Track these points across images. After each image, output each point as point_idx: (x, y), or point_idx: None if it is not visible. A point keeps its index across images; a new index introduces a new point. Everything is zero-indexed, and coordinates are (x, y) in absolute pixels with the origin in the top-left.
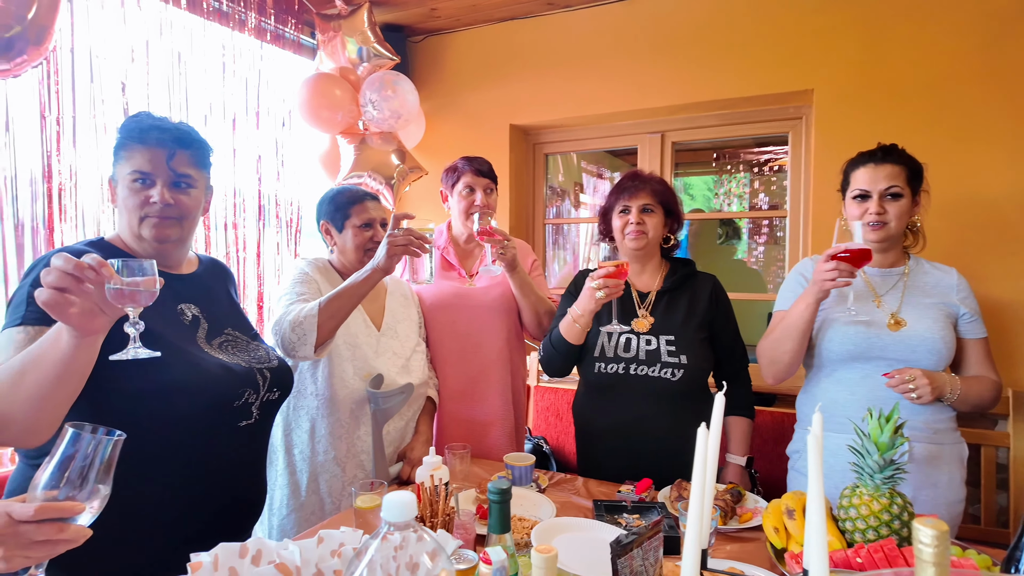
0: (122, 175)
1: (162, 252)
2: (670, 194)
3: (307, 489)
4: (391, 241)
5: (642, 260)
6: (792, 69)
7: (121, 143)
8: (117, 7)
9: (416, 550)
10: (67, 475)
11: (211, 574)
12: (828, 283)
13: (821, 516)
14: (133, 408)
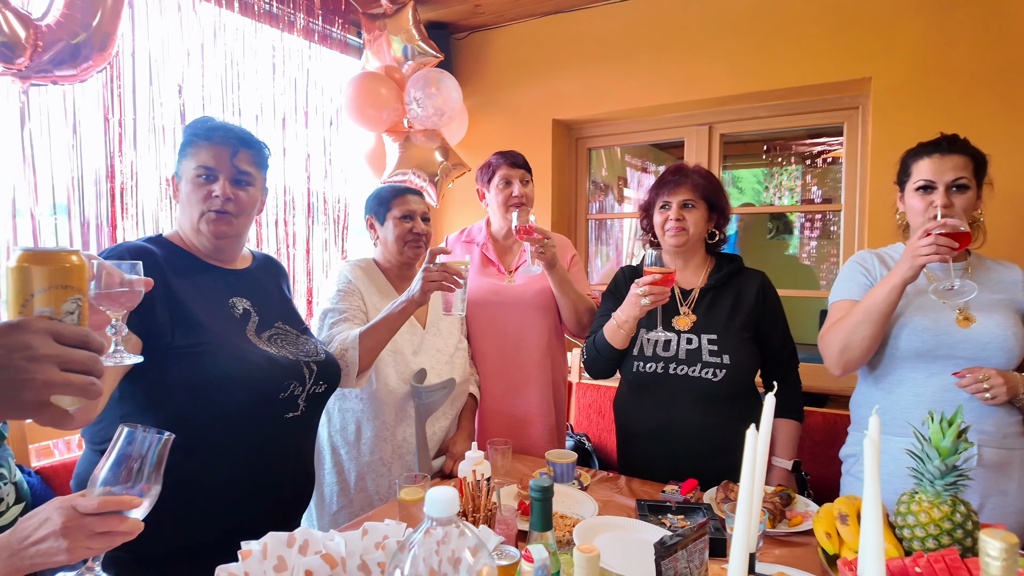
0: (187, 171)
1: (219, 247)
2: (714, 188)
3: (355, 488)
4: (426, 276)
5: (684, 256)
6: (849, 56)
7: (188, 141)
8: (174, 12)
9: (458, 545)
10: (123, 472)
11: (260, 562)
12: (923, 258)
13: (878, 521)
14: (185, 399)
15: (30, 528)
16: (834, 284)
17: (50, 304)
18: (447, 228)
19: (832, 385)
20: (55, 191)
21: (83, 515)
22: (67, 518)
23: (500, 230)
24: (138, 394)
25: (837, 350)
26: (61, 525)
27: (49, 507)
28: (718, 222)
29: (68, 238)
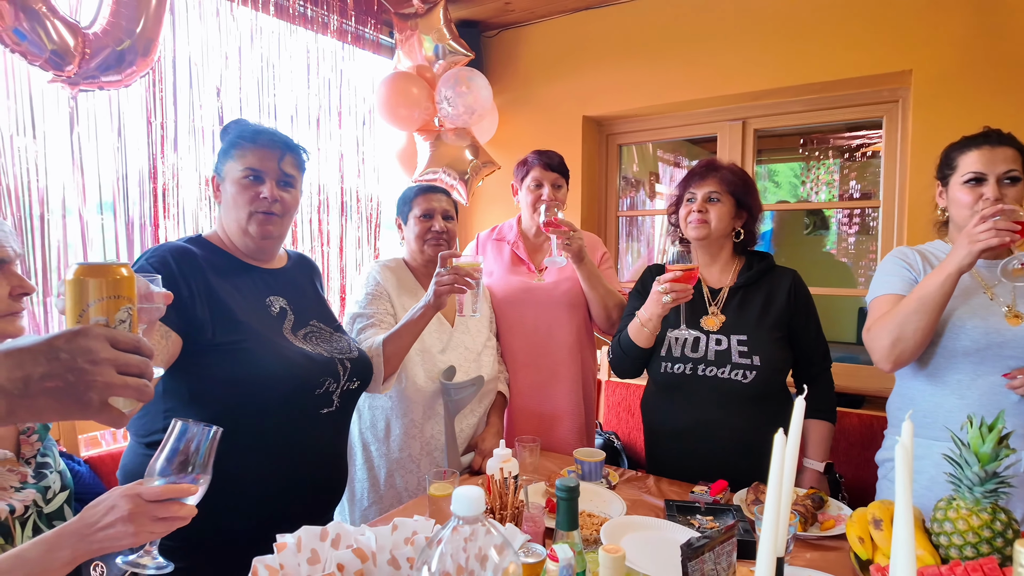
0: (232, 172)
1: (263, 247)
2: (743, 184)
3: (385, 484)
4: (438, 280)
5: (710, 252)
6: (888, 49)
7: (233, 143)
8: (213, 17)
9: (485, 543)
10: (177, 463)
11: (295, 554)
12: (981, 243)
13: (909, 529)
14: (225, 395)
15: (98, 515)
16: (874, 279)
17: (105, 313)
18: (477, 226)
19: (868, 386)
20: (101, 191)
21: (147, 502)
22: (134, 506)
23: (530, 228)
24: (180, 389)
25: (888, 342)
26: (128, 512)
27: (114, 496)
28: (746, 220)
29: (114, 237)
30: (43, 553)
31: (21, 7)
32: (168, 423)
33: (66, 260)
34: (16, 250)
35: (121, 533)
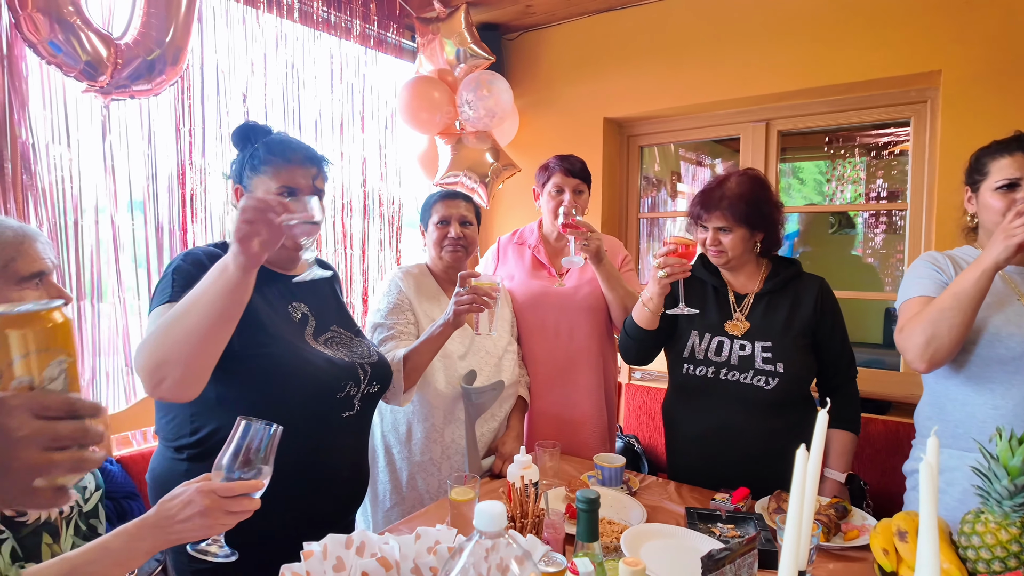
0: (264, 187)
1: (294, 259)
2: (753, 206)
3: (407, 486)
4: (457, 300)
5: (734, 268)
6: (917, 48)
7: (264, 159)
8: (239, 24)
9: (506, 554)
10: (241, 459)
11: (321, 562)
12: (1017, 237)
13: (934, 546)
14: (251, 399)
15: (175, 508)
16: (904, 282)
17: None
18: (498, 228)
19: (895, 392)
20: (132, 196)
21: (220, 498)
22: (210, 501)
23: (551, 232)
24: (207, 393)
25: (922, 340)
26: (204, 507)
27: (190, 491)
28: (765, 236)
29: (144, 241)
30: (126, 543)
31: (57, 19)
32: (195, 427)
33: (98, 264)
34: (54, 261)
35: (197, 526)
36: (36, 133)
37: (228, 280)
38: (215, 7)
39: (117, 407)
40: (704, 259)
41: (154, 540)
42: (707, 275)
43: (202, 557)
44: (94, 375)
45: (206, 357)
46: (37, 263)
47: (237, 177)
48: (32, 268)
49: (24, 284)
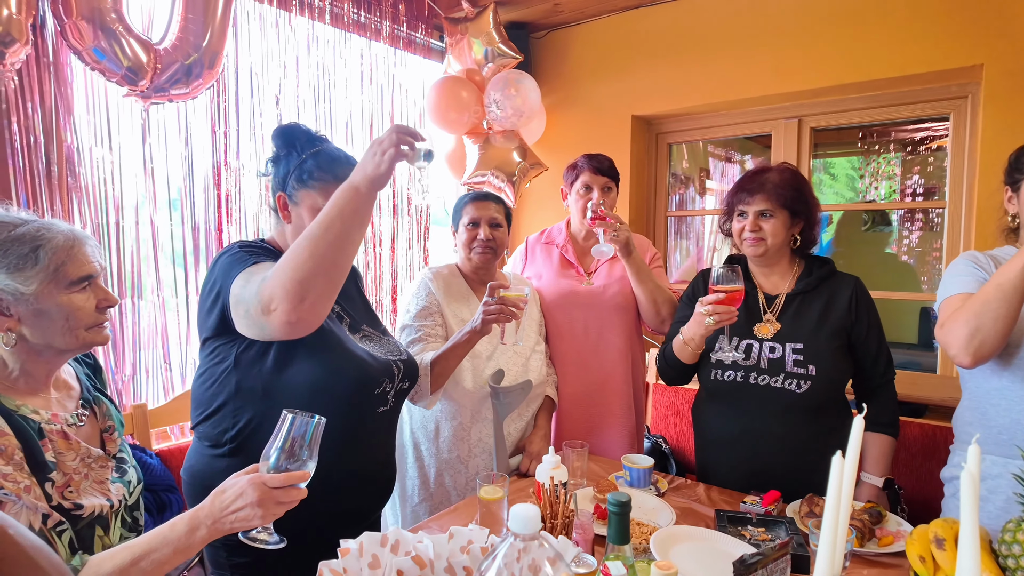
0: (313, 202)
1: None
2: (796, 192)
3: (435, 482)
4: (485, 310)
5: (768, 264)
6: (957, 42)
7: (314, 174)
8: (272, 28)
9: (538, 555)
10: (288, 450)
11: (357, 559)
12: None
13: (976, 562)
14: (297, 393)
15: (228, 499)
16: (943, 280)
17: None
18: (524, 226)
19: (931, 395)
20: (170, 198)
21: (271, 489)
22: (261, 493)
23: (579, 232)
24: (254, 383)
25: (966, 333)
26: (256, 498)
27: (242, 483)
28: (803, 228)
29: (181, 241)
30: (185, 533)
31: (100, 27)
32: (236, 420)
33: (138, 263)
34: (102, 263)
35: (250, 516)
36: (80, 136)
37: (361, 198)
38: (249, 11)
39: (156, 402)
40: (734, 260)
41: (210, 530)
42: None
43: (253, 544)
44: (134, 371)
45: (343, 272)
46: (86, 267)
47: (281, 185)
48: (81, 272)
49: (73, 288)
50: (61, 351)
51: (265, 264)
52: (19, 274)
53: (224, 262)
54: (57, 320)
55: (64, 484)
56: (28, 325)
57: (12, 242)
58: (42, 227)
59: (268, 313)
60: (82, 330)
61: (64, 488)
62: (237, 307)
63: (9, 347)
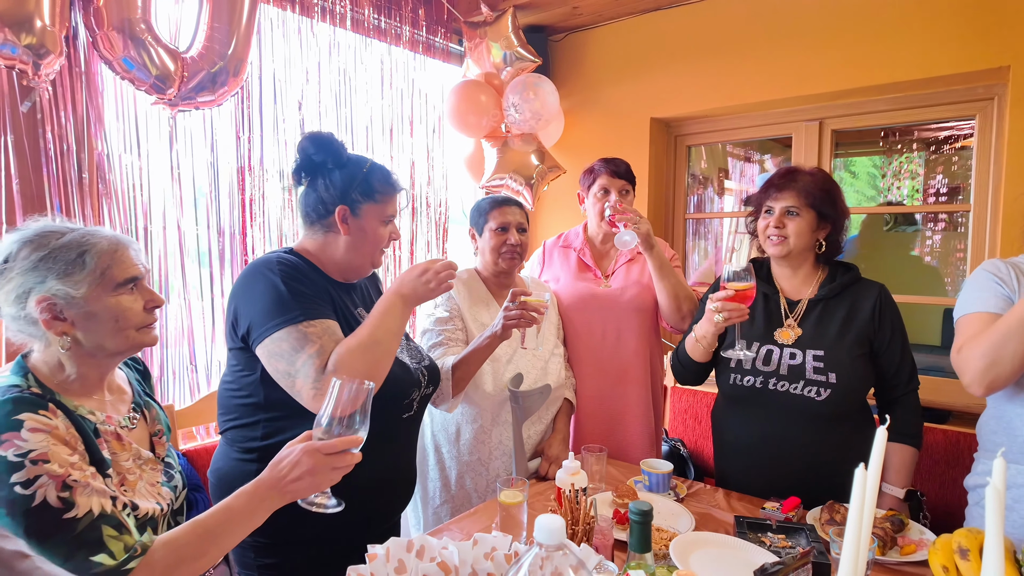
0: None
1: (364, 275)
2: (825, 194)
3: (456, 485)
4: (506, 315)
5: (790, 265)
6: (983, 43)
7: (377, 188)
8: (295, 35)
9: (561, 563)
10: (339, 417)
11: (384, 564)
12: None
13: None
14: None
15: (285, 469)
16: (962, 295)
17: None
18: (542, 229)
19: (955, 401)
20: (196, 203)
21: (325, 456)
22: (315, 461)
23: (596, 235)
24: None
25: (982, 365)
26: (312, 466)
27: (296, 452)
28: (829, 232)
29: (207, 246)
30: (248, 504)
31: (130, 37)
32: (266, 432)
33: (166, 266)
34: (146, 266)
35: (308, 484)
36: (110, 144)
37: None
38: (272, 18)
39: (183, 403)
40: (758, 265)
41: (272, 499)
42: (759, 281)
43: (312, 509)
44: (161, 372)
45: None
46: (131, 269)
47: (341, 197)
48: (126, 274)
49: (120, 290)
50: (113, 353)
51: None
52: (68, 279)
53: (263, 293)
54: (107, 322)
55: (119, 483)
56: (81, 328)
57: (59, 249)
58: (86, 234)
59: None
60: (132, 331)
61: (119, 487)
62: (276, 362)
63: (65, 350)
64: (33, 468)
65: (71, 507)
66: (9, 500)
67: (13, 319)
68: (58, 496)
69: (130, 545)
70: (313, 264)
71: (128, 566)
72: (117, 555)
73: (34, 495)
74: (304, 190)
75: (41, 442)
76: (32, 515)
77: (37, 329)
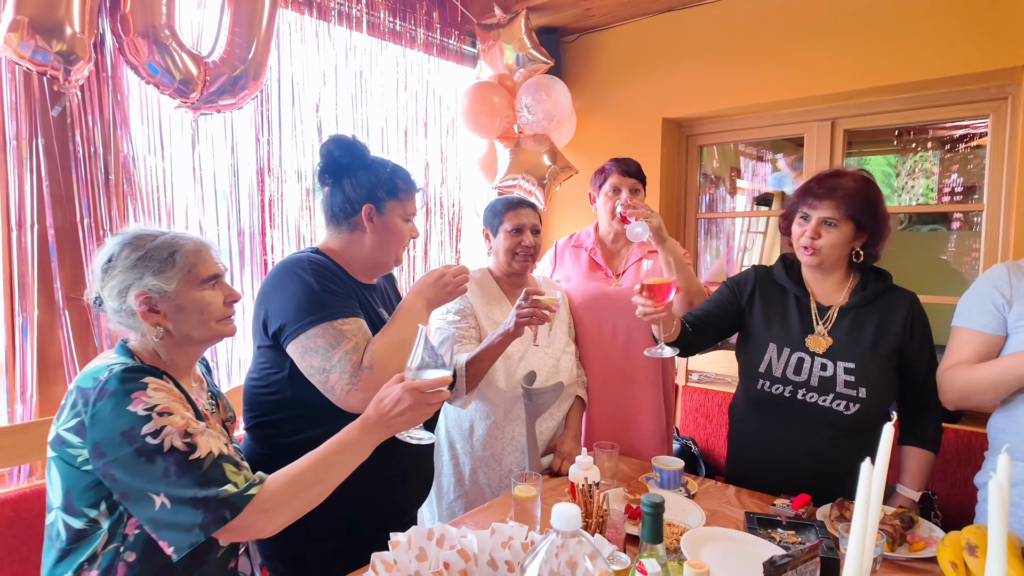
0: (401, 212)
1: (387, 272)
2: (867, 204)
3: (470, 480)
4: (518, 312)
5: (822, 271)
6: (997, 43)
7: (401, 187)
8: (312, 38)
9: (576, 551)
10: (429, 359)
11: (406, 551)
12: None
13: (1002, 569)
14: None
15: (387, 406)
16: (961, 301)
17: None
18: (554, 228)
19: None
20: (218, 204)
21: (423, 393)
22: (414, 398)
23: (608, 234)
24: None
25: (955, 398)
26: (412, 401)
27: (397, 390)
28: (867, 242)
29: (227, 246)
30: (359, 437)
31: (155, 42)
32: (292, 429)
33: None
34: (225, 266)
35: (408, 418)
36: (135, 146)
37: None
38: (290, 23)
39: None
40: (787, 263)
41: (379, 433)
42: (789, 283)
43: (411, 441)
44: None
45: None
46: (213, 267)
47: (368, 196)
48: (210, 272)
49: (204, 285)
50: (199, 342)
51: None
52: (162, 276)
53: (297, 291)
54: (193, 314)
55: None
56: (171, 320)
57: (154, 249)
58: (176, 236)
59: (354, 393)
60: (213, 322)
61: None
62: (310, 358)
63: (158, 339)
64: (159, 419)
65: (194, 449)
66: (144, 449)
67: (115, 311)
68: (183, 441)
69: (248, 477)
70: (338, 264)
71: (250, 492)
72: (239, 485)
73: (162, 443)
74: (329, 191)
75: (163, 398)
76: (166, 458)
77: (135, 320)
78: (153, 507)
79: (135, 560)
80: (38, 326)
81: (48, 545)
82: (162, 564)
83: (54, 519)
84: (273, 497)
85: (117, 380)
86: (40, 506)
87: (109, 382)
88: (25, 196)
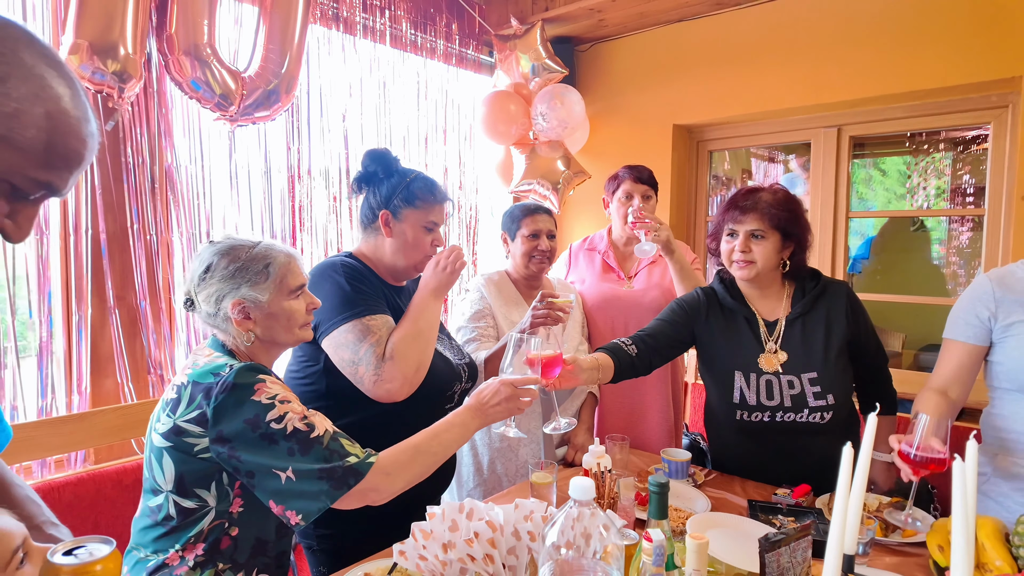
0: (417, 219)
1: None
2: (789, 214)
3: (488, 469)
4: (534, 313)
5: (759, 286)
6: (998, 54)
7: (419, 195)
8: (339, 51)
9: (590, 523)
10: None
11: (440, 522)
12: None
13: (969, 545)
14: None
15: (487, 396)
16: (954, 309)
17: None
18: (567, 232)
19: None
20: (252, 210)
21: (517, 388)
22: (510, 391)
23: (620, 238)
24: (346, 391)
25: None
26: (508, 395)
27: (495, 384)
28: (794, 251)
29: None
30: (463, 420)
31: (197, 59)
32: (326, 416)
33: None
34: (307, 276)
35: (504, 409)
36: (178, 156)
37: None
38: (319, 37)
39: None
40: (727, 285)
41: (480, 419)
42: (734, 304)
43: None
44: None
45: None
46: (300, 278)
47: (384, 203)
48: (297, 282)
49: (292, 295)
50: (283, 344)
51: (378, 321)
52: (257, 287)
53: (331, 292)
54: (282, 320)
55: None
56: (261, 326)
57: (251, 260)
58: (268, 247)
59: (380, 383)
60: (297, 328)
61: None
62: (341, 352)
63: (249, 343)
64: (281, 407)
65: (313, 428)
66: (269, 434)
67: (209, 316)
68: (303, 423)
69: (364, 448)
70: (368, 267)
71: (370, 460)
72: (359, 455)
73: (285, 427)
74: (362, 198)
75: (281, 389)
76: (289, 439)
77: (228, 325)
78: (279, 481)
79: (238, 534)
80: (91, 324)
81: (148, 524)
82: (257, 537)
83: (163, 501)
84: (393, 462)
85: (240, 375)
86: (94, 490)
87: (232, 376)
88: (81, 204)
